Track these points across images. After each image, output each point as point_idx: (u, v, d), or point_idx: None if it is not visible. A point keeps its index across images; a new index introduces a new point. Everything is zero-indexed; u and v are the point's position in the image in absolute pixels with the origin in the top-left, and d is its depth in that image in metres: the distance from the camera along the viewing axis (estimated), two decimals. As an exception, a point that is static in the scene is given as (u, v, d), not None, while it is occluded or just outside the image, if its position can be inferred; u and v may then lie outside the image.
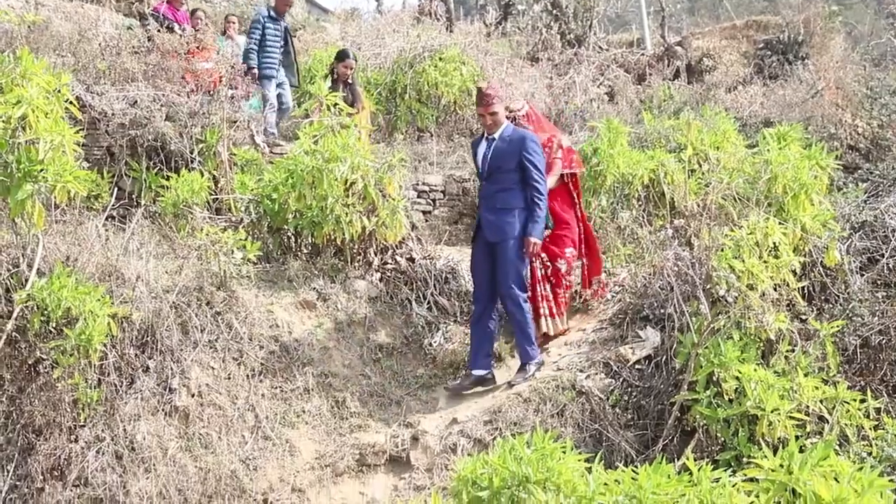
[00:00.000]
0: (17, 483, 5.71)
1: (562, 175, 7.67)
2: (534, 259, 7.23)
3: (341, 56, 10.61)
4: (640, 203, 8.86)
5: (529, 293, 7.16)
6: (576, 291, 7.98)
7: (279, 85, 11.18)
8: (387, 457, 6.43)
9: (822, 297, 6.97)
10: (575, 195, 7.82)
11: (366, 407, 6.78)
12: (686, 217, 7.92)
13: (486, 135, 6.92)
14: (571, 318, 7.88)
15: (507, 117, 7.17)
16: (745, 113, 12.53)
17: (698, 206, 7.77)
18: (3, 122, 5.63)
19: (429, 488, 6.07)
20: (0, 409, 5.86)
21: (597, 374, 6.69)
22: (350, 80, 10.46)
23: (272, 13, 11.15)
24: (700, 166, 8.96)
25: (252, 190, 8.14)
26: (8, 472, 5.72)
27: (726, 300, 6.17)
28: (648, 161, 8.90)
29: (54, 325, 5.90)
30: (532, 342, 6.87)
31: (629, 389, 6.54)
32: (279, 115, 11.20)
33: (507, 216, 6.75)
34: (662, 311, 6.88)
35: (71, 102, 6.22)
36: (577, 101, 13.74)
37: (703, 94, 14.48)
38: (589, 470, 4.16)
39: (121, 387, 6.13)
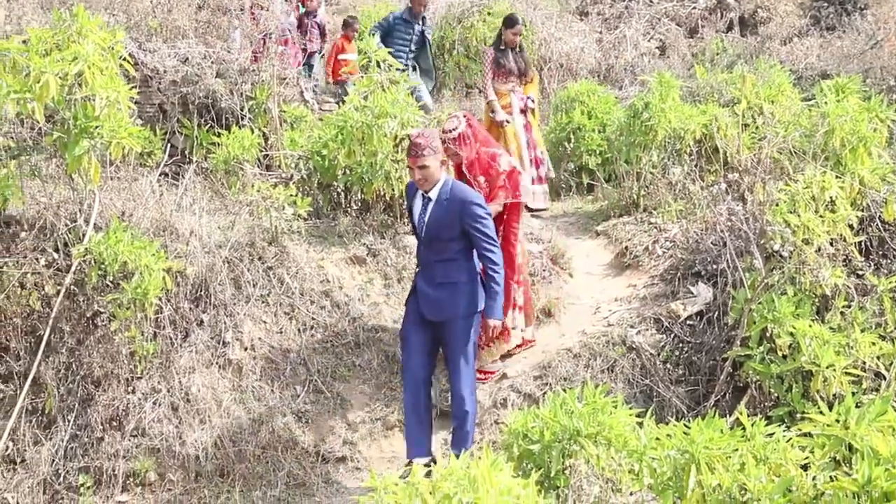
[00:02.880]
0: (78, 433, 5.86)
1: None
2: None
3: (510, 22, 9.69)
4: (692, 158, 8.73)
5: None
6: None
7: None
8: (437, 411, 6.47)
9: (880, 253, 6.83)
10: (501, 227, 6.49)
11: (416, 361, 6.81)
12: (739, 172, 7.78)
13: (421, 191, 5.65)
14: (622, 273, 7.82)
15: (444, 142, 6.12)
16: (800, 65, 12.23)
17: (752, 160, 7.62)
18: (60, 78, 5.68)
19: (479, 442, 6.12)
20: (60, 361, 5.99)
21: (647, 329, 6.66)
22: (520, 48, 9.76)
23: (405, 15, 10.46)
24: (754, 120, 8.79)
25: (302, 146, 8.17)
26: (69, 421, 5.87)
27: (781, 255, 6.08)
28: (701, 115, 8.75)
29: (111, 279, 6.00)
30: (471, 434, 5.74)
31: (680, 345, 6.51)
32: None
33: (450, 293, 5.59)
34: (715, 266, 6.81)
35: (125, 59, 6.26)
36: (628, 56, 13.52)
37: (757, 47, 14.16)
38: (640, 425, 4.15)
39: (176, 340, 6.23)
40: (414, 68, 10.36)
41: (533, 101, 9.70)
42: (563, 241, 8.50)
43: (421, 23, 10.53)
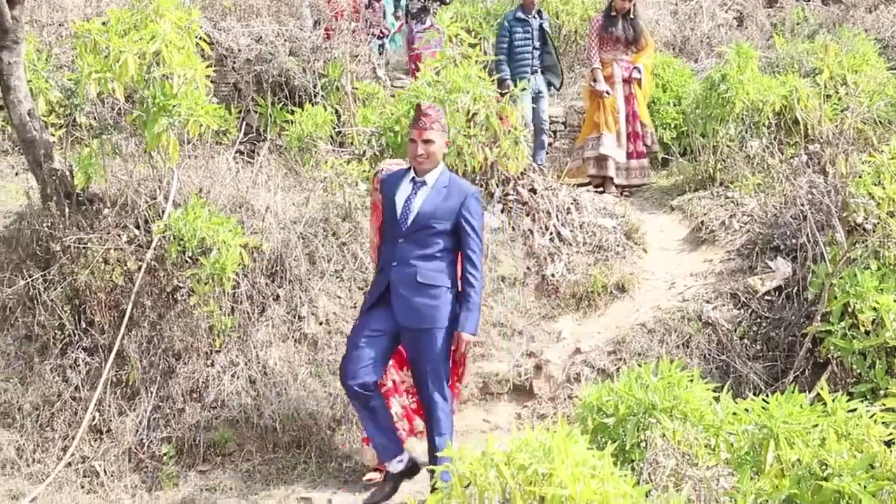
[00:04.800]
0: (160, 404, 6.01)
1: None
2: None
3: None
4: (771, 130, 8.54)
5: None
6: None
7: (536, 97, 9.61)
8: (510, 386, 6.49)
9: (969, 226, 6.60)
10: None
11: (489, 336, 6.83)
12: (821, 143, 7.58)
13: (412, 174, 5.03)
14: (697, 248, 7.70)
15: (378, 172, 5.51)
16: (886, 34, 11.81)
17: (835, 131, 7.42)
18: (138, 57, 5.80)
19: (552, 417, 6.11)
20: (143, 335, 6.15)
21: (724, 305, 6.55)
22: (632, 14, 9.42)
23: (518, 13, 9.65)
24: (836, 91, 8.55)
25: (374, 122, 8.20)
26: (151, 393, 6.03)
27: (864, 228, 5.92)
28: (780, 87, 8.54)
29: (190, 254, 6.13)
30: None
31: (758, 321, 6.39)
32: (538, 135, 9.68)
33: (432, 297, 4.90)
34: (794, 241, 6.67)
35: (201, 38, 6.36)
36: (704, 27, 13.23)
37: (840, 15, 13.70)
38: (717, 399, 4.10)
39: (253, 314, 6.34)
40: (535, 71, 9.62)
41: (640, 71, 9.38)
42: (637, 216, 8.40)
43: (538, 17, 9.73)
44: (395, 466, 5.11)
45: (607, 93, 9.22)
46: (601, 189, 9.22)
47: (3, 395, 6.05)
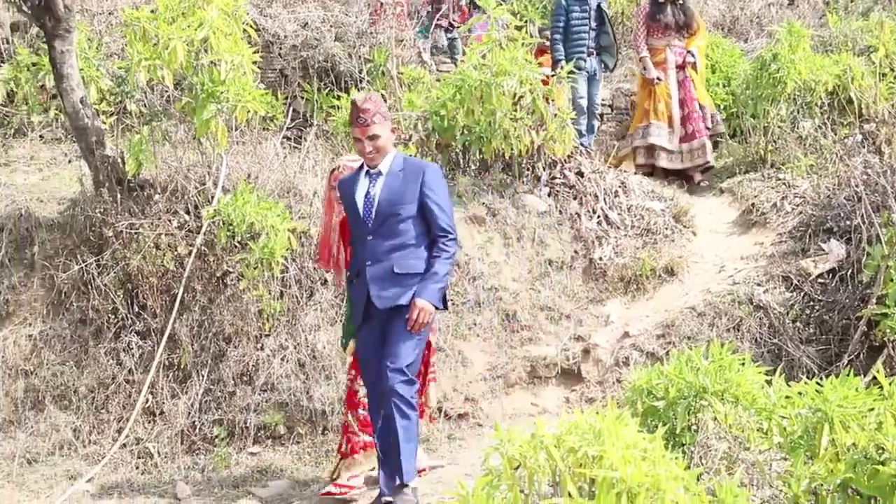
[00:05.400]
0: (211, 387, 6.09)
1: None
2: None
3: None
4: (824, 110, 8.38)
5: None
6: None
7: (591, 79, 9.30)
8: (558, 369, 6.47)
9: None
10: None
11: (536, 320, 6.81)
12: (876, 123, 7.43)
13: (365, 169, 4.75)
14: (748, 231, 7.59)
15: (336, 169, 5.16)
16: (944, 10, 11.53)
17: (891, 110, 7.25)
18: (187, 44, 5.86)
19: (601, 400, 6.08)
20: (194, 319, 6.23)
21: (776, 288, 6.46)
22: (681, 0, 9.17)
23: None
24: (892, 69, 8.36)
25: (420, 107, 8.19)
26: (203, 376, 6.11)
27: (921, 209, 5.79)
28: (833, 65, 8.38)
29: (239, 239, 6.20)
30: (413, 456, 4.56)
31: (811, 304, 6.29)
32: (590, 119, 9.41)
33: (410, 286, 4.56)
34: (848, 222, 6.55)
35: (248, 25, 6.40)
36: (754, 6, 13.00)
37: (895, -7, 13.41)
38: (769, 383, 4.04)
39: (301, 298, 6.39)
40: (591, 52, 9.28)
41: (694, 55, 9.16)
42: (686, 198, 8.31)
43: None
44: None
45: (658, 79, 9.04)
46: (650, 175, 9.06)
47: (60, 377, 6.18)
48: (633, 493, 2.77)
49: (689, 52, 9.19)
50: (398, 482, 4.46)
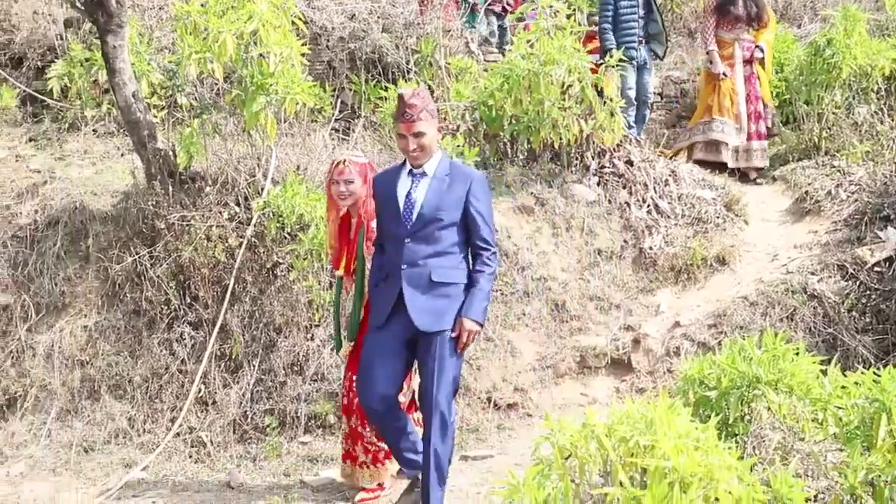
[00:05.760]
0: (262, 377, 6.15)
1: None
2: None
3: None
4: (880, 96, 8.21)
5: (347, 429, 5.05)
6: None
7: (641, 68, 9.11)
8: (608, 359, 6.43)
9: None
10: None
11: (585, 310, 6.77)
12: (934, 108, 7.26)
13: (409, 167, 4.52)
14: (801, 219, 7.47)
15: (341, 163, 4.87)
16: None
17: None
18: (236, 37, 5.91)
19: (651, 390, 6.04)
20: (244, 309, 6.30)
21: (830, 276, 6.35)
22: None
23: None
24: (952, 52, 8.17)
25: (468, 97, 8.18)
26: (254, 366, 6.17)
27: (981, 196, 5.65)
28: (891, 50, 8.20)
29: (289, 230, 6.25)
30: (444, 482, 4.48)
31: (867, 292, 6.17)
32: (640, 108, 9.25)
33: (448, 296, 4.40)
34: (906, 209, 6.41)
35: (296, 17, 6.43)
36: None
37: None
38: (824, 373, 3.97)
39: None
40: (640, 41, 9.08)
41: (762, 49, 8.94)
42: (738, 187, 8.20)
43: None
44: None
45: (724, 75, 8.83)
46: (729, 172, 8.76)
47: (115, 367, 6.29)
48: (685, 482, 2.75)
49: (757, 46, 8.96)
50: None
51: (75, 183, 7.43)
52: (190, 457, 5.82)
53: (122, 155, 8.11)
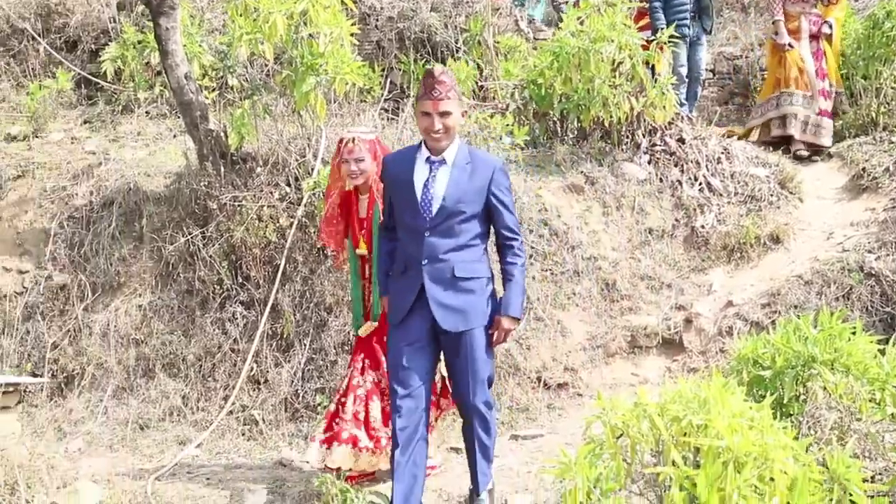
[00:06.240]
0: (313, 356, 6.20)
1: None
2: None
3: None
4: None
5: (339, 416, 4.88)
6: None
7: (693, 43, 9.02)
8: (659, 339, 6.37)
9: None
10: None
11: (636, 289, 6.72)
12: None
13: (426, 152, 4.20)
14: (858, 196, 7.32)
15: (351, 142, 4.74)
16: None
17: None
18: (287, 17, 5.93)
19: (703, 370, 5.97)
20: (295, 289, 6.35)
21: (888, 255, 6.21)
22: None
23: None
24: None
25: (517, 76, 8.13)
26: (305, 345, 6.22)
27: None
28: (952, 22, 7.98)
29: (339, 210, 6.25)
30: (490, 462, 4.40)
31: (926, 271, 6.03)
32: (692, 85, 9.18)
33: (472, 291, 4.17)
34: (968, 186, 6.25)
35: (346, -4, 6.45)
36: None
37: None
38: (882, 352, 3.90)
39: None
40: (693, 16, 8.92)
41: (831, 26, 8.75)
42: (792, 164, 8.05)
43: None
44: None
45: (790, 45, 8.60)
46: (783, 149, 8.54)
47: (169, 346, 6.39)
48: (740, 462, 2.72)
49: (826, 22, 8.77)
50: (473, 490, 4.37)
51: (129, 164, 7.54)
52: (242, 434, 5.89)
53: (175, 136, 8.22)
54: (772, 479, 2.73)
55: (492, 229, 4.28)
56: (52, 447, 5.56)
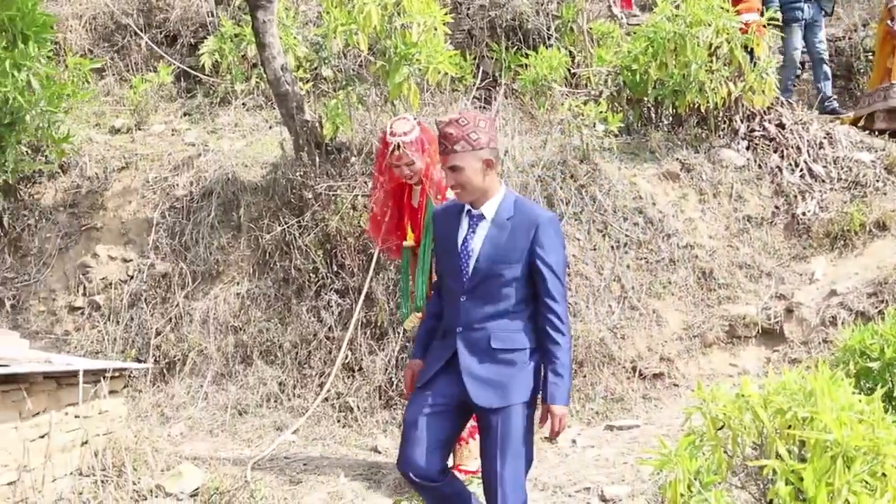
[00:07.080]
0: (407, 344, 6.18)
1: None
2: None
3: None
4: None
5: None
6: None
7: (810, 25, 8.81)
8: (758, 329, 6.23)
9: None
10: None
11: (734, 278, 6.57)
12: None
13: (468, 206, 3.63)
14: None
15: (396, 147, 4.62)
16: None
17: None
18: (381, 8, 5.97)
19: (806, 361, 5.81)
20: (389, 278, 6.37)
21: None
22: None
23: None
24: None
25: (610, 62, 8.02)
26: (398, 334, 6.19)
27: None
28: None
29: (432, 199, 6.28)
30: None
31: None
32: (817, 67, 8.95)
33: (511, 363, 3.52)
34: None
35: (437, -15, 6.46)
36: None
37: None
38: None
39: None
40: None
41: None
42: (900, 148, 7.75)
43: None
44: None
45: None
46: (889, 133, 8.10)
47: (266, 334, 6.51)
48: (849, 457, 2.62)
49: None
50: None
51: (227, 155, 7.70)
52: (338, 421, 5.97)
53: (271, 127, 8.36)
54: (884, 475, 2.63)
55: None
56: (156, 431, 5.73)
